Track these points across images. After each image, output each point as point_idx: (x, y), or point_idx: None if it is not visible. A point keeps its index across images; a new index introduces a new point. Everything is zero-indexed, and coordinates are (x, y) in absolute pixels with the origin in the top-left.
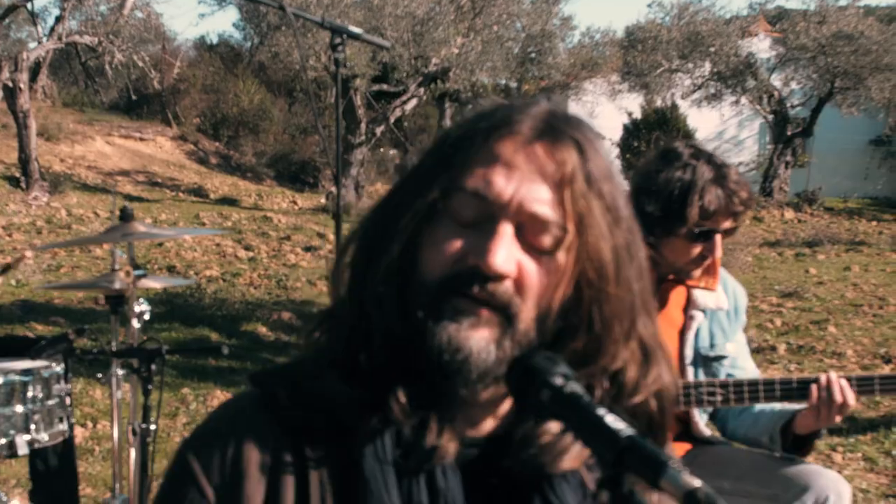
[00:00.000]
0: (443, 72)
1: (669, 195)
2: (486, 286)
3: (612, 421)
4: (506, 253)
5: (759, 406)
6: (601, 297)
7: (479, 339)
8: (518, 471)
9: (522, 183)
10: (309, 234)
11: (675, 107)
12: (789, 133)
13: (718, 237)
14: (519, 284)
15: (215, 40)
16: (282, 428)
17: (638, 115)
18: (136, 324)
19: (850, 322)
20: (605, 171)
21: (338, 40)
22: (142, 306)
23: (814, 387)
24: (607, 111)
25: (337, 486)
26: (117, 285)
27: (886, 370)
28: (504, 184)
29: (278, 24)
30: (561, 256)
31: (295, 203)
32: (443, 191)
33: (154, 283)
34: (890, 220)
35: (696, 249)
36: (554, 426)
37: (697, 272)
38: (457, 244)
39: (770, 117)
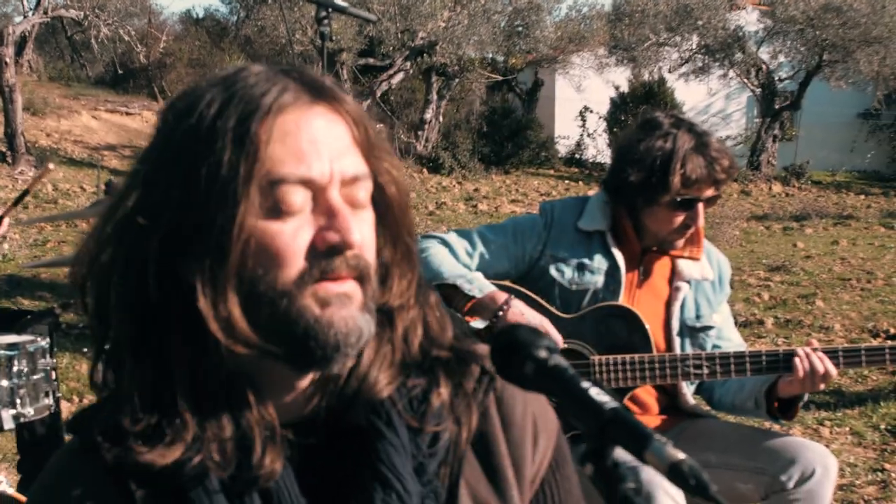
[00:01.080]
0: (429, 46)
1: (651, 164)
2: (348, 261)
3: (597, 394)
4: (354, 223)
5: None
6: (400, 230)
7: (360, 315)
8: (342, 421)
9: (331, 151)
10: None
11: (662, 80)
12: (777, 106)
13: (701, 206)
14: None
15: (201, 14)
16: (106, 472)
17: (625, 88)
18: None
19: (838, 296)
20: (362, 110)
21: (323, 14)
22: None
23: (797, 360)
24: (594, 85)
25: None
26: None
27: (873, 344)
28: (318, 160)
29: None
30: (370, 203)
31: None
32: (247, 188)
33: None
34: (878, 194)
35: (679, 218)
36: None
37: (680, 242)
38: (300, 234)
39: (758, 91)
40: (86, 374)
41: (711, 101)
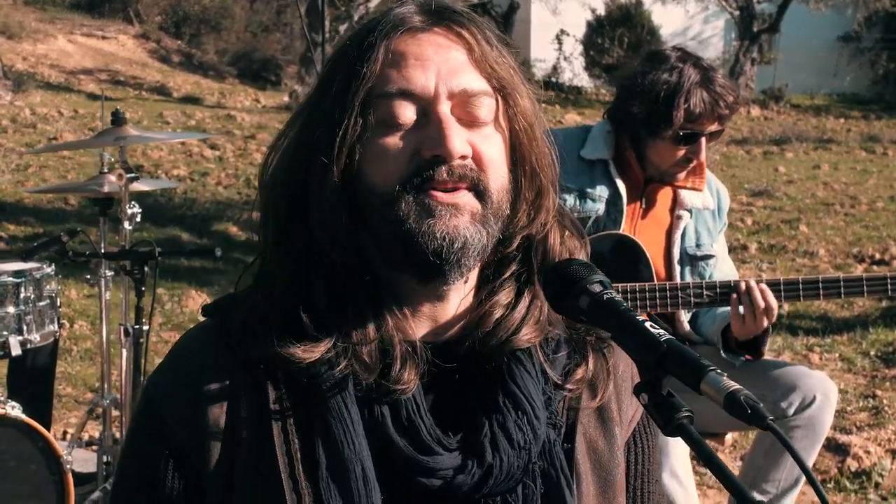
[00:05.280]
0: None
1: (655, 97)
2: (453, 170)
3: (651, 327)
4: (457, 134)
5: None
6: (532, 162)
7: (467, 224)
8: (479, 354)
9: (440, 67)
10: (273, 132)
11: (639, 3)
12: (755, 30)
13: (703, 140)
14: (477, 160)
15: None
16: (237, 358)
17: (602, 11)
18: (127, 226)
19: (822, 221)
20: (498, 37)
21: None
22: (134, 209)
23: (733, 296)
24: (571, 7)
25: (299, 416)
26: (106, 188)
27: (860, 269)
28: (423, 74)
29: None
30: (496, 125)
31: (258, 101)
32: (364, 103)
33: (143, 186)
34: (857, 118)
35: (681, 152)
36: (503, 298)
37: (682, 175)
38: (404, 146)
39: (736, 14)
40: (76, 299)
41: (689, 25)
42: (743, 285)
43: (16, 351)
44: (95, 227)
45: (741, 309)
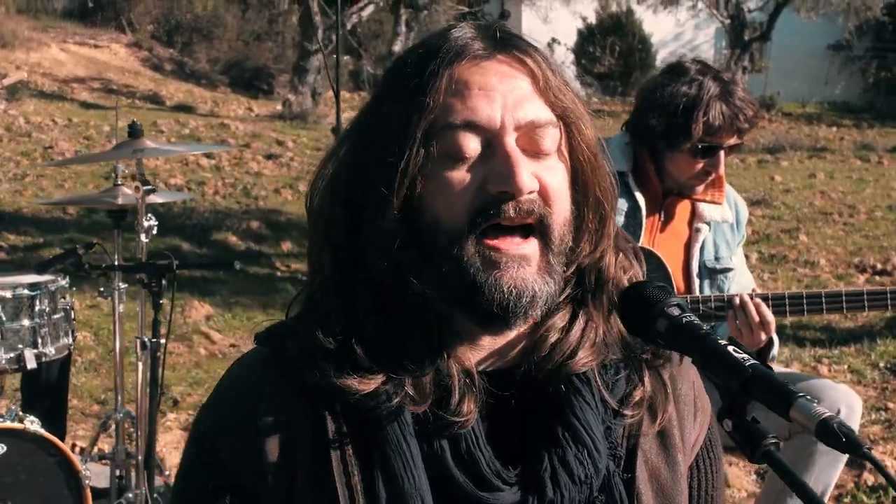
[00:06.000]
0: None
1: (675, 110)
2: (521, 206)
3: (734, 351)
4: (525, 169)
5: None
6: (596, 192)
7: (534, 276)
8: (535, 379)
9: (505, 98)
10: (268, 141)
11: (630, 12)
12: (746, 38)
13: (722, 153)
14: (543, 193)
15: None
16: (293, 387)
17: (593, 20)
18: (144, 238)
19: (821, 230)
20: (557, 65)
21: None
22: (150, 221)
23: (730, 311)
24: (562, 16)
25: (358, 447)
26: (120, 200)
27: (861, 280)
28: (488, 105)
29: None
30: (559, 154)
31: (251, 110)
32: (426, 134)
33: (158, 199)
34: (849, 126)
35: (700, 165)
36: (558, 322)
37: (700, 187)
38: (469, 180)
39: (727, 22)
40: (79, 310)
41: (680, 33)
42: (737, 300)
43: (31, 364)
44: (94, 235)
45: (737, 323)
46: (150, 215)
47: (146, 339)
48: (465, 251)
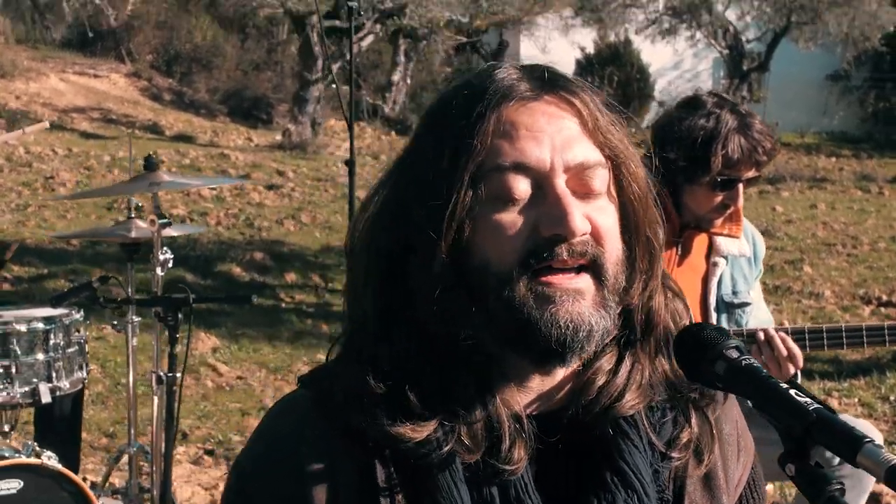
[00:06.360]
0: (398, 8)
1: (693, 143)
2: (573, 247)
3: (796, 394)
4: (577, 211)
5: None
6: (644, 229)
7: (590, 310)
8: (582, 422)
9: (553, 139)
10: (268, 171)
11: (628, 42)
12: (745, 68)
13: (741, 186)
14: (595, 234)
15: None
16: (338, 431)
17: (591, 50)
18: (159, 271)
19: (825, 262)
20: (607, 103)
21: None
22: (166, 254)
23: (754, 346)
24: (560, 46)
25: (408, 494)
26: (134, 233)
27: (867, 311)
28: (537, 147)
29: None
30: (609, 194)
31: (250, 140)
32: (474, 177)
33: (172, 232)
34: (848, 156)
35: (718, 198)
36: (605, 364)
37: (719, 221)
38: (520, 222)
39: (725, 52)
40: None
41: (678, 62)
42: (761, 334)
43: (45, 398)
44: (98, 267)
45: (763, 358)
46: (165, 248)
47: (162, 373)
48: (517, 292)
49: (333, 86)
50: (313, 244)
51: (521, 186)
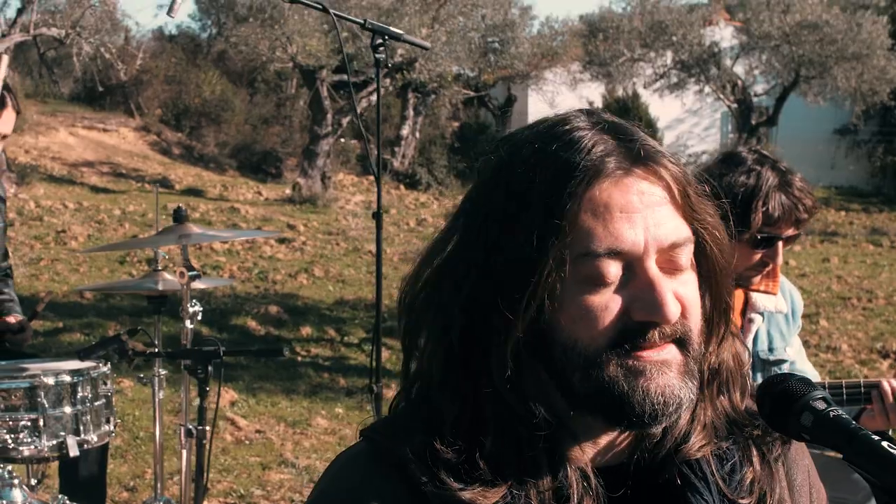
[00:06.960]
0: (408, 63)
1: (732, 200)
2: (664, 331)
3: (889, 446)
4: (670, 294)
5: None
6: (724, 297)
7: (678, 382)
8: (649, 469)
9: (646, 220)
10: (279, 225)
11: (636, 96)
12: (753, 122)
13: (780, 244)
14: (683, 311)
15: (174, 31)
16: (401, 490)
17: (599, 104)
18: (189, 324)
19: (841, 315)
20: (695, 174)
21: (379, 41)
22: (195, 307)
23: (875, 393)
24: (568, 101)
25: None
26: (161, 286)
27: (885, 365)
28: (631, 230)
29: (245, 16)
30: (691, 265)
31: (260, 193)
32: (561, 260)
33: (200, 285)
34: (858, 210)
35: (758, 255)
36: None
37: (757, 278)
38: (612, 304)
39: (733, 106)
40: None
41: (686, 117)
42: (886, 385)
43: (73, 452)
44: (112, 320)
45: (881, 406)
46: (194, 301)
47: (192, 427)
48: (607, 371)
49: (343, 139)
50: (327, 297)
51: (613, 270)
